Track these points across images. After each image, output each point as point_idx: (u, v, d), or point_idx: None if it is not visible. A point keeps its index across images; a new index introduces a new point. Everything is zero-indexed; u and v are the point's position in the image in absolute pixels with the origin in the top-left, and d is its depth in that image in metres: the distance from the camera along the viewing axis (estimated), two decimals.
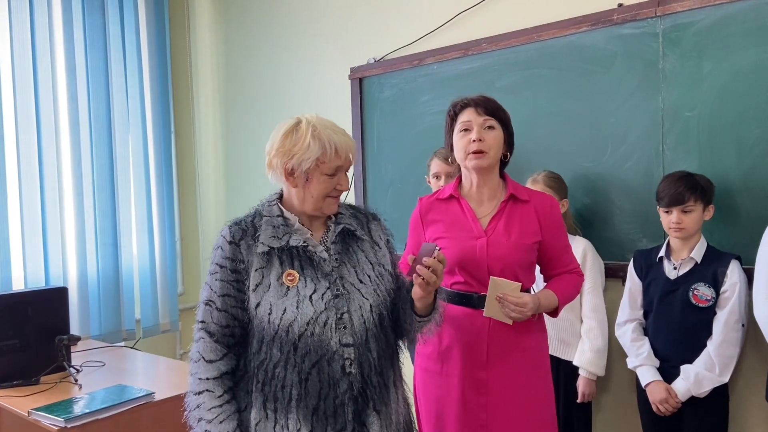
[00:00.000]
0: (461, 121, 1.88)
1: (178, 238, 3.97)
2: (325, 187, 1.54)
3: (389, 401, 1.56)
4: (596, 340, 2.34)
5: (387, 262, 1.64)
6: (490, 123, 1.86)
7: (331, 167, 1.53)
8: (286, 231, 1.54)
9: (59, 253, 3.28)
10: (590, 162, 2.51)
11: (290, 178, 1.55)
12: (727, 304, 2.08)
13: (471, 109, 1.87)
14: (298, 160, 1.51)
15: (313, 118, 1.56)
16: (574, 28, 2.51)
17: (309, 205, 1.56)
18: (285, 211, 1.58)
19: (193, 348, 1.54)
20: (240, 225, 1.56)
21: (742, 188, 2.18)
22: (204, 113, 4.11)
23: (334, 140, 1.52)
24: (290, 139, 1.53)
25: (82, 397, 2.18)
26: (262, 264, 1.51)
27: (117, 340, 3.42)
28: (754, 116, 2.14)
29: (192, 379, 1.52)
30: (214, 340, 1.51)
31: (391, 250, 1.68)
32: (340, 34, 3.38)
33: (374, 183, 3.25)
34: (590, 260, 2.38)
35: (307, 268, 1.52)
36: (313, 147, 1.51)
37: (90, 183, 3.41)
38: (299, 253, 1.53)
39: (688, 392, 2.09)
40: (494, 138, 1.86)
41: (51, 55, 3.27)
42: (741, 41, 2.15)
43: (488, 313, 1.81)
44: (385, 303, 1.59)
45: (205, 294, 1.54)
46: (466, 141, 1.86)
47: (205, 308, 1.53)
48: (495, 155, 1.88)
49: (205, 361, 1.51)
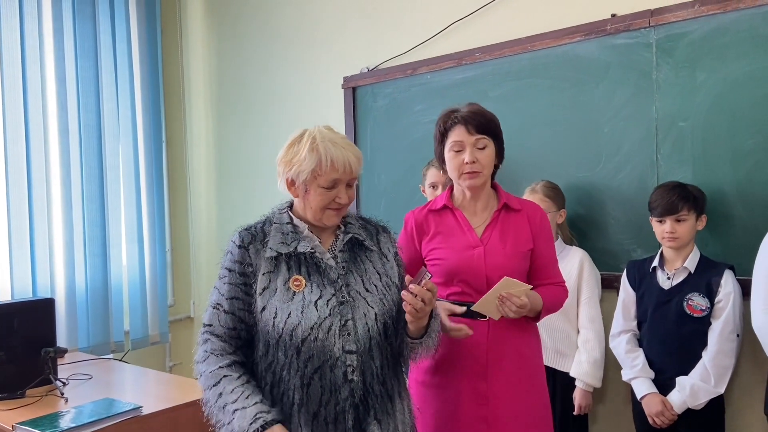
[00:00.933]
0: (452, 140, 1.86)
1: (169, 249, 3.93)
2: (322, 199, 1.55)
3: (393, 411, 1.57)
4: (593, 351, 2.32)
5: (394, 275, 1.65)
6: (482, 142, 1.85)
7: (327, 180, 1.54)
8: (294, 237, 1.57)
9: (47, 263, 3.24)
10: (584, 172, 2.50)
11: (291, 188, 1.58)
12: (722, 314, 2.07)
13: (461, 127, 1.84)
14: (296, 171, 1.54)
15: (317, 130, 1.57)
16: (568, 38, 2.51)
17: (309, 215, 1.59)
18: (295, 218, 1.61)
19: (199, 350, 1.56)
20: (250, 230, 1.60)
21: (736, 198, 2.18)
22: (196, 122, 4.09)
23: (331, 153, 1.52)
24: (292, 150, 1.57)
25: (68, 411, 2.14)
26: (269, 268, 1.54)
27: (105, 352, 3.37)
28: (748, 126, 2.15)
29: (203, 377, 1.52)
30: (222, 340, 1.54)
31: (399, 264, 1.69)
32: (334, 44, 3.38)
33: (367, 192, 3.23)
34: (587, 270, 2.37)
35: (313, 275, 1.55)
36: (309, 159, 1.52)
37: (79, 192, 3.38)
38: (306, 259, 1.56)
39: (684, 404, 2.08)
40: (487, 157, 1.86)
41: (41, 63, 3.24)
42: (734, 52, 2.16)
43: (478, 307, 1.78)
44: (390, 313, 1.59)
45: (213, 297, 1.57)
46: (459, 161, 1.85)
47: (212, 311, 1.56)
48: (488, 172, 1.89)
49: (215, 355, 1.52)
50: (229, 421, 1.44)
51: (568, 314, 2.34)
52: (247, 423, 1.42)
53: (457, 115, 1.86)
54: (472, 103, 1.91)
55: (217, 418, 1.48)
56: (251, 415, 1.43)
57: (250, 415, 1.43)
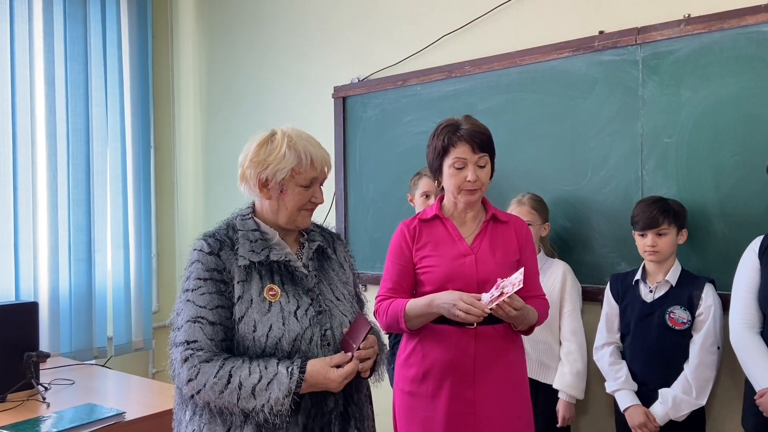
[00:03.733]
0: (455, 156, 1.87)
1: (155, 255, 3.91)
2: (299, 198, 1.53)
3: (366, 418, 1.58)
4: (576, 363, 2.34)
5: (351, 284, 1.66)
6: (483, 160, 1.89)
7: (306, 178, 1.52)
8: (264, 245, 1.52)
9: (31, 267, 3.21)
10: (570, 186, 2.53)
11: (264, 189, 1.52)
12: (703, 327, 2.10)
13: (466, 145, 1.86)
14: (272, 170, 1.49)
15: (288, 129, 1.55)
16: (556, 54, 2.55)
17: (283, 217, 1.54)
18: (262, 224, 1.55)
19: (181, 370, 1.41)
20: (215, 237, 1.52)
21: (718, 214, 2.21)
22: (185, 129, 4.08)
23: (310, 151, 1.52)
24: (265, 149, 1.51)
25: (49, 416, 2.12)
26: (242, 277, 1.48)
27: (88, 357, 3.34)
28: (731, 144, 2.19)
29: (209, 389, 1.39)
30: (208, 353, 1.42)
31: (354, 273, 1.70)
32: (325, 53, 3.39)
33: (356, 202, 3.24)
34: (569, 283, 2.40)
35: (287, 284, 1.51)
36: (289, 157, 1.49)
37: (65, 196, 3.35)
38: (280, 268, 1.51)
39: (666, 416, 2.10)
40: (486, 174, 1.91)
41: (30, 65, 3.23)
42: (718, 70, 2.20)
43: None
44: None
45: (189, 313, 1.44)
46: (461, 179, 1.87)
47: (193, 327, 1.42)
48: (485, 189, 1.94)
49: (207, 362, 1.40)
50: (267, 399, 1.37)
51: (551, 326, 2.36)
52: (286, 383, 1.37)
53: (461, 133, 1.87)
54: (469, 117, 1.94)
55: (249, 407, 1.38)
56: (284, 374, 1.38)
57: (283, 376, 1.38)
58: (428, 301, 1.83)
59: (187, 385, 1.41)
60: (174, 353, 1.44)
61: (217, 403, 1.40)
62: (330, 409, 1.48)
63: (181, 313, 1.46)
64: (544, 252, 2.46)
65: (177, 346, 1.43)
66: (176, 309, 1.49)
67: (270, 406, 1.37)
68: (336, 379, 1.41)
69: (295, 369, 1.39)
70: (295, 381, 1.38)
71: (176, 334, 1.46)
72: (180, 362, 1.41)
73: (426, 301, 1.84)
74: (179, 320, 1.46)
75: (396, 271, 1.96)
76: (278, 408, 1.37)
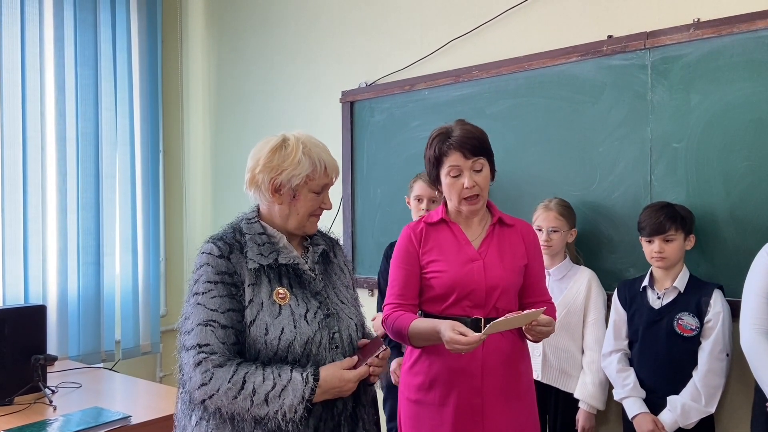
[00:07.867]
0: (449, 165, 1.85)
1: (163, 258, 3.92)
2: (311, 204, 1.55)
3: (370, 420, 1.59)
4: (599, 373, 2.30)
5: (351, 288, 1.69)
6: (479, 164, 1.86)
7: (319, 185, 1.54)
8: (272, 249, 1.52)
9: (39, 270, 3.23)
10: (579, 191, 2.52)
11: (276, 194, 1.53)
12: (712, 334, 2.08)
13: (457, 153, 1.84)
14: (287, 175, 1.50)
15: (300, 135, 1.56)
16: (564, 58, 2.54)
17: (293, 222, 1.55)
18: (269, 228, 1.56)
19: (194, 375, 1.39)
20: (224, 240, 1.51)
21: (728, 219, 2.19)
22: (194, 133, 4.10)
23: (323, 158, 1.54)
24: (279, 154, 1.52)
25: (56, 419, 2.12)
26: (252, 281, 1.47)
27: (95, 361, 3.35)
28: (741, 149, 2.17)
29: (222, 394, 1.37)
30: (221, 356, 1.41)
31: (352, 278, 1.73)
32: (333, 58, 3.40)
33: (363, 206, 3.24)
34: (595, 291, 2.35)
35: (296, 287, 1.52)
36: (304, 163, 1.51)
37: (74, 200, 3.38)
38: (289, 271, 1.52)
39: (675, 424, 2.08)
40: (484, 178, 1.88)
41: (41, 71, 3.26)
42: (728, 75, 2.19)
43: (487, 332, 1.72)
44: (363, 323, 1.64)
45: (199, 317, 1.42)
46: (459, 187, 1.85)
47: (204, 330, 1.41)
48: (487, 193, 1.90)
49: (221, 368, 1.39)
50: (281, 405, 1.37)
51: (573, 334, 2.34)
52: (300, 390, 1.38)
53: (451, 141, 1.85)
54: (461, 121, 1.91)
55: (261, 413, 1.38)
56: (298, 380, 1.39)
57: (298, 382, 1.38)
58: (431, 331, 1.76)
59: (199, 390, 1.39)
60: (185, 357, 1.43)
61: (229, 409, 1.39)
62: (339, 412, 1.49)
63: (191, 317, 1.44)
64: (569, 258, 2.43)
65: (188, 349, 1.42)
66: (185, 313, 1.48)
67: (283, 413, 1.37)
68: (352, 378, 1.45)
69: (310, 376, 1.40)
70: (310, 388, 1.39)
71: (186, 338, 1.44)
72: (192, 366, 1.40)
73: (429, 331, 1.77)
74: (189, 324, 1.44)
75: (402, 276, 1.93)
76: (291, 415, 1.37)
